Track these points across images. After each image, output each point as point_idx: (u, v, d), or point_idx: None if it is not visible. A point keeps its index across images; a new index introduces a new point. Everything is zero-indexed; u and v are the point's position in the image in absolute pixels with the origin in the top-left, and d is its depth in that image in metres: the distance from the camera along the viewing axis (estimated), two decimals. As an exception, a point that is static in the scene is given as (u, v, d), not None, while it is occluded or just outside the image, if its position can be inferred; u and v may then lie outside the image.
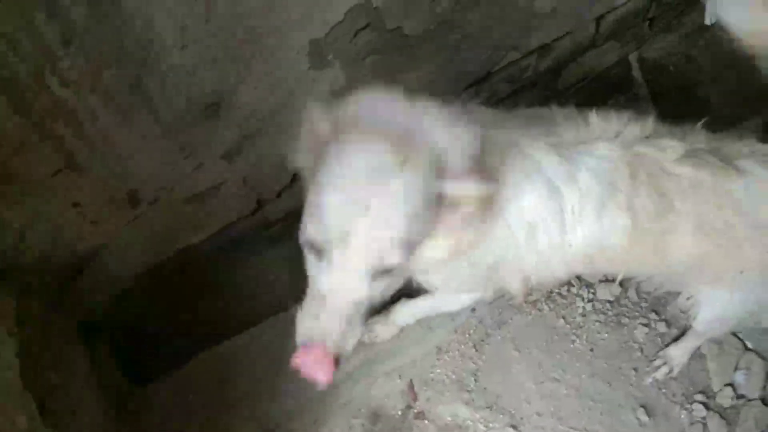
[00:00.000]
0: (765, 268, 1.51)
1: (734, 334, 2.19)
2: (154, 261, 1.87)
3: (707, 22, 1.63)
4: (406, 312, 1.99)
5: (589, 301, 2.29)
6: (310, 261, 1.17)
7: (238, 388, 1.96)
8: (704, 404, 2.11)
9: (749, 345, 2.19)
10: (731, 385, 2.14)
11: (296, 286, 2.21)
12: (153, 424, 1.86)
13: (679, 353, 2.12)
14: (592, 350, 2.21)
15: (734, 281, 1.59)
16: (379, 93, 1.21)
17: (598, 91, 2.67)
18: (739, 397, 2.13)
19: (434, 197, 1.15)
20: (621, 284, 2.31)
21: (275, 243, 2.21)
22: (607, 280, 2.32)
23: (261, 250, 2.19)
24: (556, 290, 2.31)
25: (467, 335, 2.23)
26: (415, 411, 2.10)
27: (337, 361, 1.16)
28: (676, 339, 2.17)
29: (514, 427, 2.07)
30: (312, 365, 1.16)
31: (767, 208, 1.42)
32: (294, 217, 2.13)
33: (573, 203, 1.38)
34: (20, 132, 1.28)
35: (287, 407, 1.98)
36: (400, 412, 2.10)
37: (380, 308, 2.10)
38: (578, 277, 2.33)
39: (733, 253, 1.48)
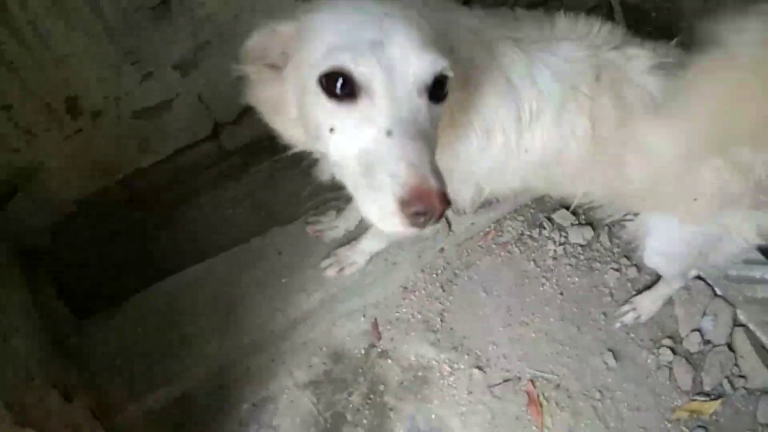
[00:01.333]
0: (718, 197, 1.44)
1: (703, 280, 2.16)
2: (100, 185, 1.72)
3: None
4: (372, 236, 1.89)
5: (561, 244, 2.23)
6: (338, 118, 0.98)
7: (189, 323, 1.84)
8: (671, 349, 2.08)
9: (718, 291, 2.17)
10: (698, 330, 2.12)
11: (252, 223, 2.12)
12: (96, 358, 1.74)
13: (648, 301, 2.08)
14: (561, 294, 2.16)
15: (686, 210, 1.51)
16: None
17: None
18: (706, 342, 2.10)
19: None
20: (593, 228, 2.25)
21: (232, 177, 2.08)
22: (580, 223, 2.26)
23: (217, 182, 2.05)
24: (527, 232, 2.24)
25: (434, 275, 2.15)
26: (379, 350, 2.02)
27: (446, 196, 0.91)
28: (648, 287, 2.13)
29: (479, 368, 2.01)
30: (427, 205, 0.89)
31: None
32: (254, 151, 2.04)
33: (531, 104, 1.30)
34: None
35: (242, 345, 1.87)
36: (363, 352, 2.02)
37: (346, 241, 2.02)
38: (550, 220, 2.26)
39: (689, 176, 1.41)
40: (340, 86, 0.95)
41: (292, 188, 2.06)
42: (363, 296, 2.05)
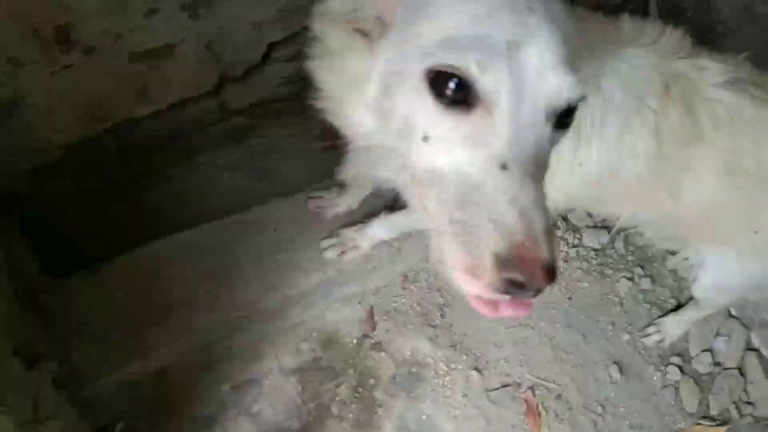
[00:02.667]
0: None
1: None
2: (88, 131, 1.55)
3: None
4: (384, 224, 1.74)
5: (574, 246, 2.11)
6: (438, 127, 0.78)
7: (174, 293, 1.69)
8: (680, 368, 1.98)
9: (733, 312, 2.07)
10: (710, 350, 2.02)
11: (251, 191, 1.97)
12: (68, 322, 1.58)
13: (674, 325, 1.97)
14: (570, 299, 2.04)
15: (746, 243, 1.41)
16: None
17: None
18: (716, 364, 2.01)
19: None
20: (609, 232, 2.13)
21: (233, 139, 1.91)
22: (596, 226, 2.13)
23: (216, 143, 1.89)
24: (540, 231, 2.11)
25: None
26: (372, 341, 1.89)
27: (555, 268, 0.73)
28: (674, 309, 2.02)
29: (477, 370, 1.89)
30: (529, 276, 0.71)
31: None
32: (260, 113, 1.88)
33: (593, 113, 1.15)
34: None
35: (229, 321, 1.73)
36: (355, 341, 1.88)
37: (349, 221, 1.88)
38: (565, 219, 2.14)
39: (755, 205, 1.30)
40: (452, 89, 0.76)
41: (297, 158, 1.91)
42: (362, 282, 1.91)
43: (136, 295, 1.66)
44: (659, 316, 2.02)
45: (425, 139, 0.80)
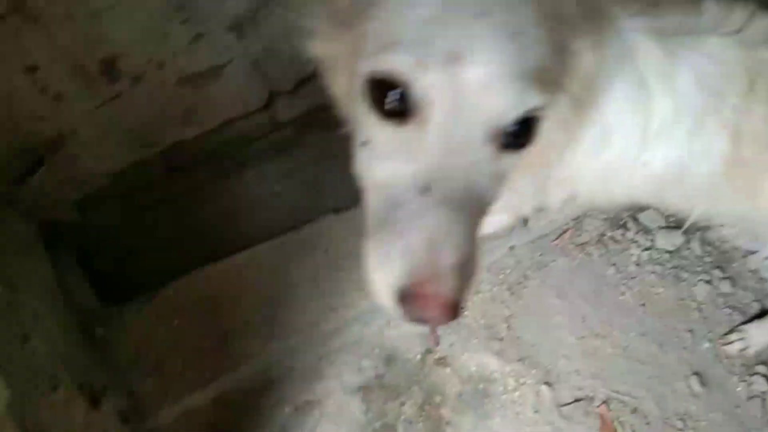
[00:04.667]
0: None
1: (808, 301, 1.90)
2: (136, 157, 1.51)
3: None
4: None
5: (646, 249, 1.97)
6: (376, 134, 0.74)
7: (229, 318, 1.64)
8: (766, 377, 1.84)
9: (823, 315, 1.90)
10: (799, 358, 1.87)
11: (302, 204, 1.90)
12: (127, 352, 1.55)
13: (759, 332, 1.81)
14: (643, 305, 1.91)
15: None
16: None
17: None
18: (807, 372, 1.85)
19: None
20: (684, 233, 1.98)
21: (284, 151, 1.85)
22: (669, 227, 1.99)
23: (265, 156, 1.82)
24: (609, 233, 1.98)
25: (502, 276, 1.91)
26: (436, 357, 1.81)
27: (457, 306, 0.70)
28: (759, 315, 1.87)
29: (548, 384, 1.79)
30: (424, 312, 0.71)
31: None
32: (309, 122, 1.80)
33: (664, 111, 1.04)
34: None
35: (288, 343, 1.68)
36: (418, 357, 1.80)
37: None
38: (635, 220, 2.00)
39: None
40: (391, 100, 0.70)
41: (346, 167, 1.82)
42: (422, 295, 1.82)
43: (192, 321, 1.62)
44: (742, 322, 1.88)
45: (364, 143, 0.76)
